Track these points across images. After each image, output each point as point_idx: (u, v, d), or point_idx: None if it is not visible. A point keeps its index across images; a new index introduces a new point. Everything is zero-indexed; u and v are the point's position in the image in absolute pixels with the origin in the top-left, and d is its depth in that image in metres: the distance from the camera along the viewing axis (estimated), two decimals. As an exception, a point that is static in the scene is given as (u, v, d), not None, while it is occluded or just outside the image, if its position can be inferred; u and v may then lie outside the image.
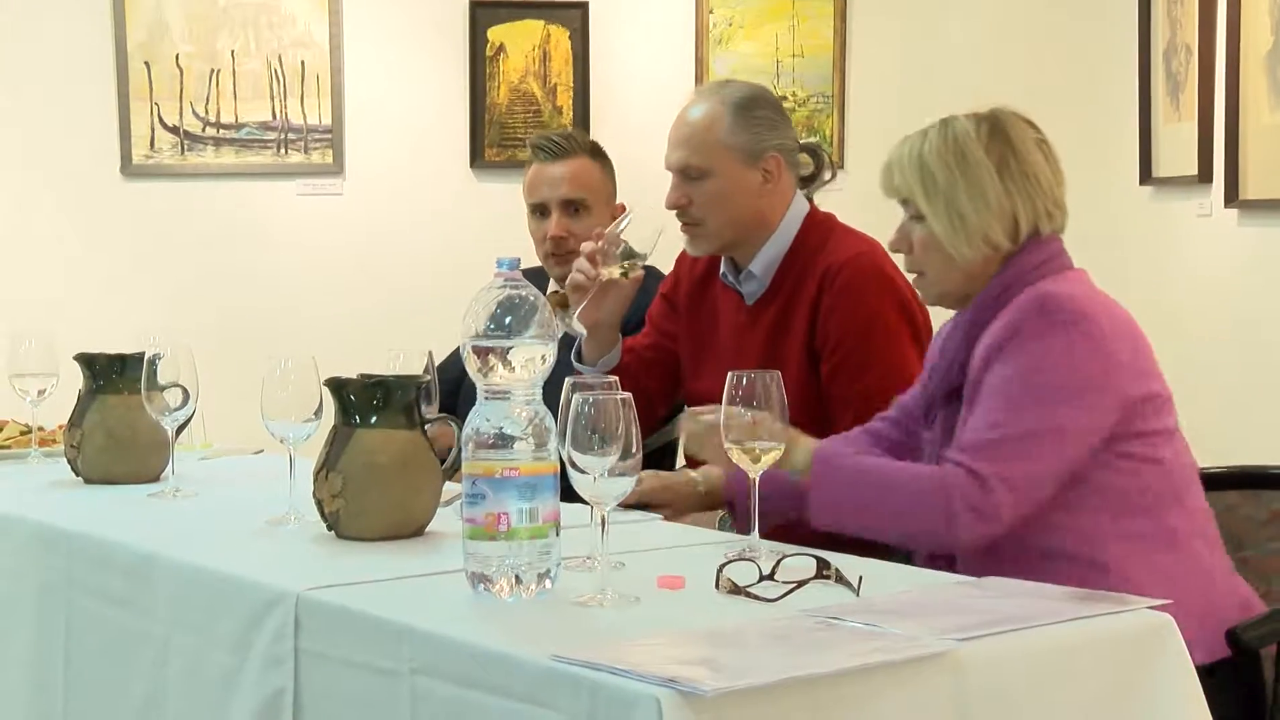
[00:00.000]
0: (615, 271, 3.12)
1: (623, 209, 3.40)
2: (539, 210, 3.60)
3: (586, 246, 3.16)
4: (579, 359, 3.25)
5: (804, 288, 3.06)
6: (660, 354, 3.30)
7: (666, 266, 3.39)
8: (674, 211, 3.13)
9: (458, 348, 3.52)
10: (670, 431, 3.71)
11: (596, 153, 3.65)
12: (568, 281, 3.21)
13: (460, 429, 2.13)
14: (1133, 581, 2.35)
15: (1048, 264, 2.56)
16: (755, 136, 3.10)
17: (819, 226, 3.13)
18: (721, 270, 3.20)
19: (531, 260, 3.59)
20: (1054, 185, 2.61)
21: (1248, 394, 4.88)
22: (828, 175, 3.23)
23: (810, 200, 3.19)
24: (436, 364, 3.10)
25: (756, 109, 3.12)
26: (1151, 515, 2.48)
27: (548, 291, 3.60)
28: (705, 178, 3.10)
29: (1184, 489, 2.53)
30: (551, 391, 2.10)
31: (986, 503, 2.40)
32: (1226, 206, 4.94)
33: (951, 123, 2.61)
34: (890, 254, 2.78)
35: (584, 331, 3.17)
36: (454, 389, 3.44)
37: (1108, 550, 2.44)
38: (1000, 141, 2.58)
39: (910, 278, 2.72)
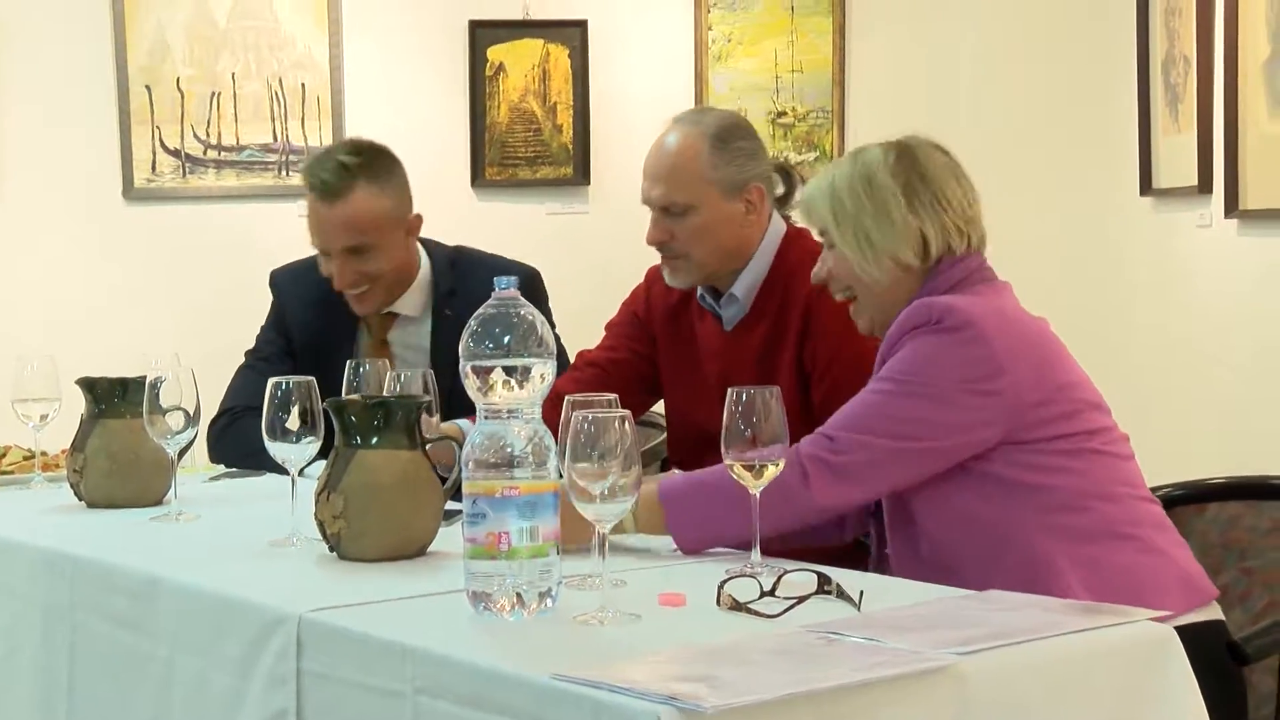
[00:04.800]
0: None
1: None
2: (323, 251, 3.44)
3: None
4: None
5: (790, 310, 3.04)
6: (627, 370, 3.22)
7: (634, 278, 3.32)
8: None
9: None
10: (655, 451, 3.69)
11: (375, 174, 3.40)
12: None
13: (460, 449, 2.13)
14: (1059, 572, 2.43)
15: (964, 282, 2.60)
16: (737, 169, 3.05)
17: (795, 245, 3.10)
18: (699, 293, 3.15)
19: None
20: (965, 205, 2.65)
21: (1250, 404, 4.87)
22: (799, 194, 3.20)
23: (786, 219, 3.16)
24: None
25: (735, 139, 3.07)
26: (1078, 511, 2.51)
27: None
28: (688, 213, 3.04)
29: (1114, 484, 2.56)
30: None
31: (837, 459, 2.45)
32: (1227, 217, 4.94)
33: (862, 152, 2.67)
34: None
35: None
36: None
37: (1034, 544, 2.48)
38: (907, 166, 2.63)
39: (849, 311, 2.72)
